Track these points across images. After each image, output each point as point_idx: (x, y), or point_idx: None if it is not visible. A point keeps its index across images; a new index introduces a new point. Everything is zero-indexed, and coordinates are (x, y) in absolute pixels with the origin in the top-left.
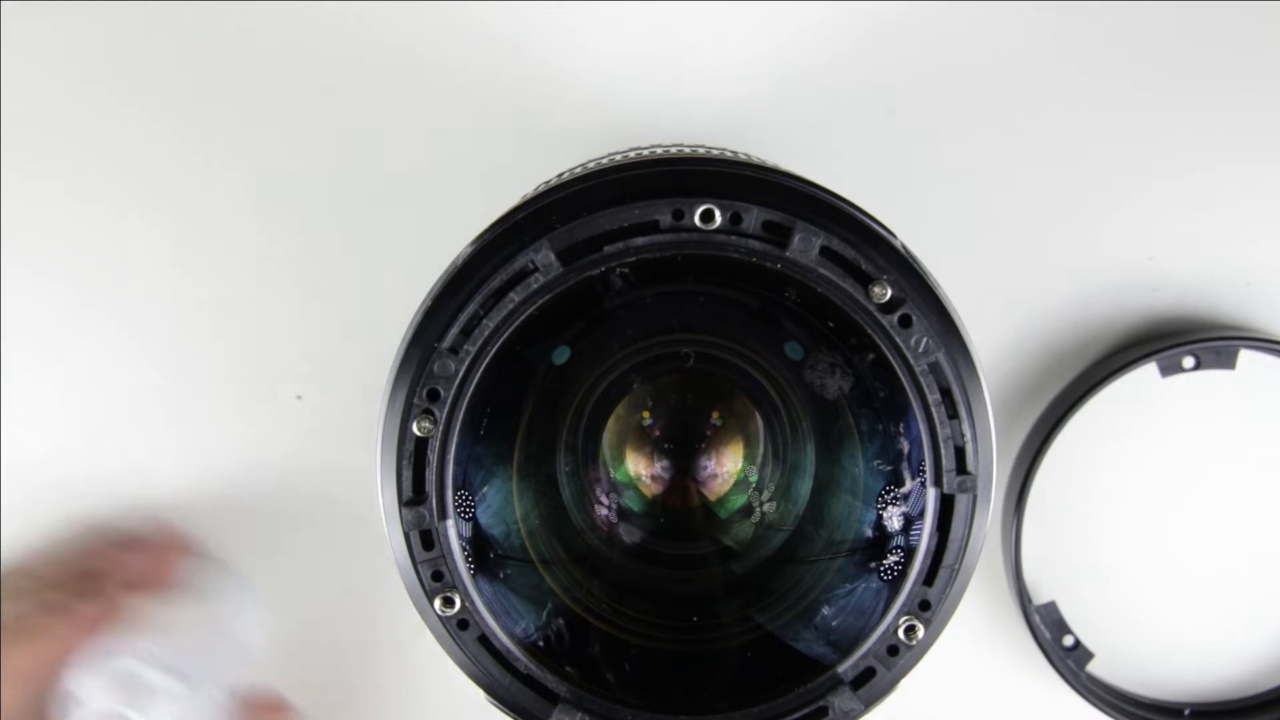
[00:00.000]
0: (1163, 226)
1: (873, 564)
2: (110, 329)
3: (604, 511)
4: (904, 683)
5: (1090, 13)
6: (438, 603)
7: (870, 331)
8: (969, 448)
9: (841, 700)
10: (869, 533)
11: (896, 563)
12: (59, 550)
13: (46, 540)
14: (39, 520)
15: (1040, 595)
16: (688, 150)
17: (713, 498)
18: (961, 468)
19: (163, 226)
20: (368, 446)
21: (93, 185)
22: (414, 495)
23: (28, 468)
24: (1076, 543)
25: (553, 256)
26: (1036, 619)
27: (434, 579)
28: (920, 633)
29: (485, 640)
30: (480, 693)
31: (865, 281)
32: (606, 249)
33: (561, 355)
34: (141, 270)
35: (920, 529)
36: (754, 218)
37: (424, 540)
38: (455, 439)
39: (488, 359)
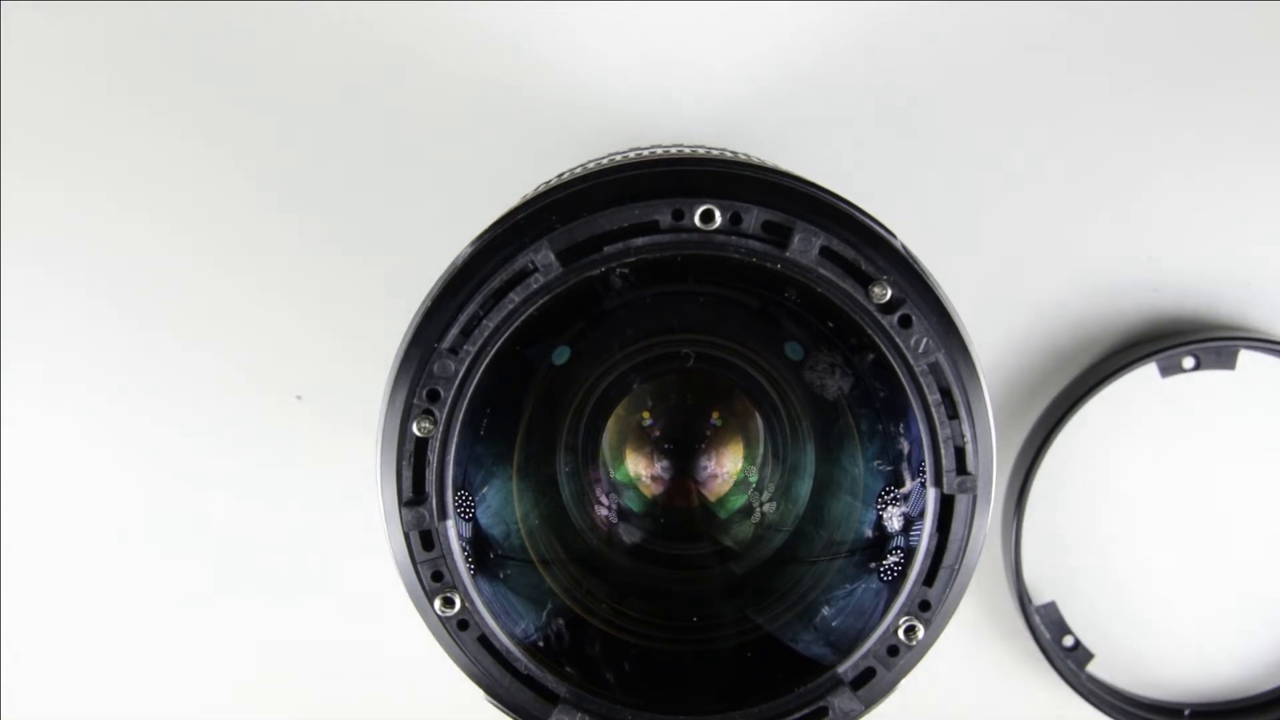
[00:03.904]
0: (1163, 226)
1: (873, 564)
2: (109, 329)
3: (604, 512)
4: (904, 683)
5: (1090, 13)
6: (438, 603)
7: (870, 332)
8: (969, 448)
9: (841, 701)
10: (869, 533)
11: (896, 563)
12: None
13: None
14: (38, 520)
15: (1040, 595)
16: (688, 150)
17: (713, 498)
18: (961, 468)
19: (162, 225)
20: (368, 446)
21: (92, 185)
22: (414, 495)
23: (27, 468)
24: (1076, 543)
25: (553, 257)
26: (1036, 619)
27: (434, 579)
28: (920, 633)
29: (485, 640)
30: (480, 693)
31: (865, 282)
32: (606, 249)
33: (561, 355)
34: (140, 270)
35: (920, 529)
36: (754, 218)
37: (424, 540)
38: (455, 439)
39: (488, 359)
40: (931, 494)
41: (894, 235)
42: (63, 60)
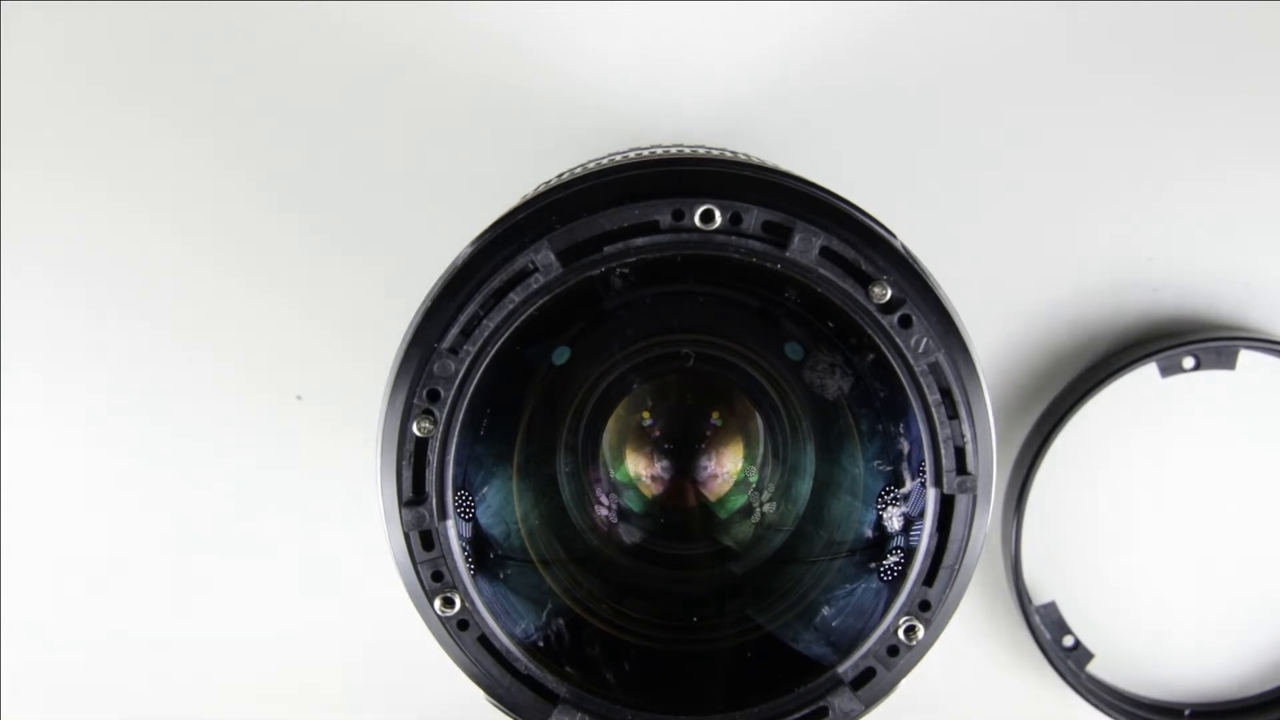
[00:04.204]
0: (1163, 226)
1: (873, 564)
2: (109, 329)
3: (604, 512)
4: (904, 683)
5: (1090, 13)
6: (438, 603)
7: (870, 332)
8: (969, 448)
9: (841, 700)
10: (869, 533)
11: (896, 563)
12: None
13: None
14: (39, 520)
15: (1040, 595)
16: (688, 150)
17: (713, 498)
18: (961, 468)
19: (161, 225)
20: (368, 446)
21: (92, 185)
22: (414, 495)
23: (26, 468)
24: (1076, 543)
25: (553, 257)
26: (1036, 619)
27: (434, 579)
28: (920, 633)
29: (485, 640)
30: (480, 693)
31: (865, 282)
32: (606, 249)
33: (561, 355)
34: (140, 270)
35: (920, 529)
36: (754, 218)
37: (424, 540)
38: (455, 439)
39: (488, 359)
40: (931, 494)
41: (894, 235)
42: (63, 60)
